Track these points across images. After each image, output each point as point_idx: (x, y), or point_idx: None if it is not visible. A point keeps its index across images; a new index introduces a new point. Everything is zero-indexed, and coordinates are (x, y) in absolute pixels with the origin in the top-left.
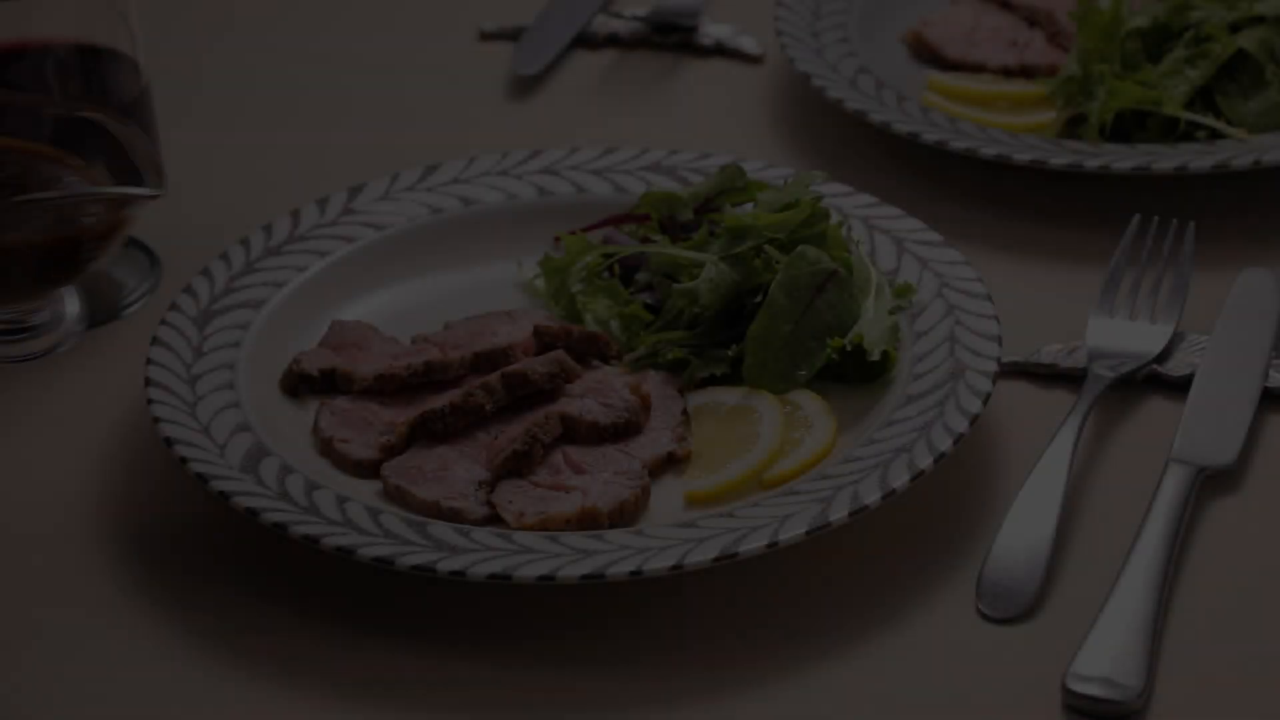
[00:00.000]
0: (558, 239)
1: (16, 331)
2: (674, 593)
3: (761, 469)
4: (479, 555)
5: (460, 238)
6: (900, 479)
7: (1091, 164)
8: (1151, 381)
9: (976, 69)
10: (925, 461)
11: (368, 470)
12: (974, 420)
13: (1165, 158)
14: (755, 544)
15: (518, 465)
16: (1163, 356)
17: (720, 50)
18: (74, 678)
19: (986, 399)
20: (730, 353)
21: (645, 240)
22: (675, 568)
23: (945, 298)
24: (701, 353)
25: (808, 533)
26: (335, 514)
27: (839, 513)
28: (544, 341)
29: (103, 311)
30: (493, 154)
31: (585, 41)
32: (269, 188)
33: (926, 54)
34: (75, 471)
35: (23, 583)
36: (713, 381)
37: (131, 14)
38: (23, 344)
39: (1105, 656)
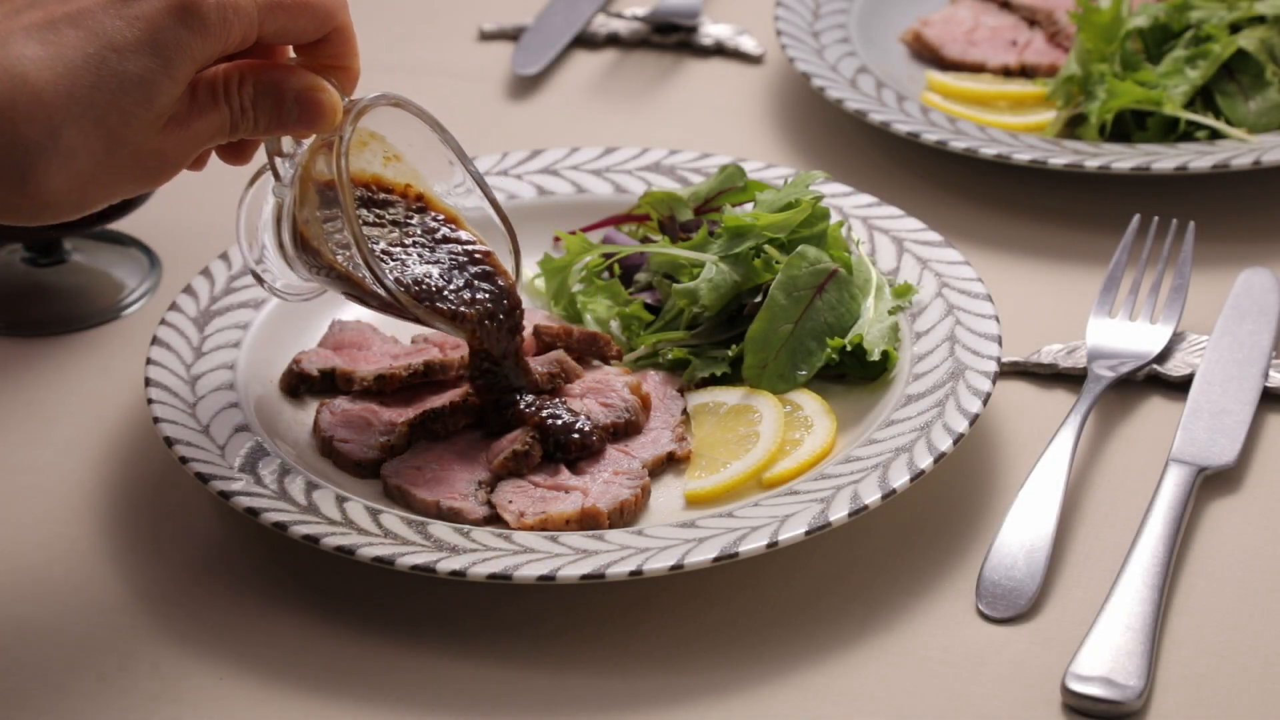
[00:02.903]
0: (557, 239)
1: None
2: (674, 593)
3: (761, 469)
4: (479, 555)
5: None
6: (900, 479)
7: (1091, 164)
8: (1151, 381)
9: (976, 69)
10: (925, 461)
11: (368, 470)
12: (974, 420)
13: (1165, 158)
14: (755, 544)
15: (518, 465)
16: (1163, 356)
17: (720, 50)
18: (74, 678)
19: (986, 399)
20: (730, 353)
21: (645, 240)
22: (675, 568)
23: (945, 298)
24: (701, 353)
25: (808, 533)
26: (335, 514)
27: (839, 513)
28: (544, 341)
29: (103, 311)
30: (493, 154)
31: (585, 41)
32: None
33: (926, 54)
34: (75, 471)
35: (22, 583)
36: (713, 381)
37: None
38: None
39: (1105, 656)
